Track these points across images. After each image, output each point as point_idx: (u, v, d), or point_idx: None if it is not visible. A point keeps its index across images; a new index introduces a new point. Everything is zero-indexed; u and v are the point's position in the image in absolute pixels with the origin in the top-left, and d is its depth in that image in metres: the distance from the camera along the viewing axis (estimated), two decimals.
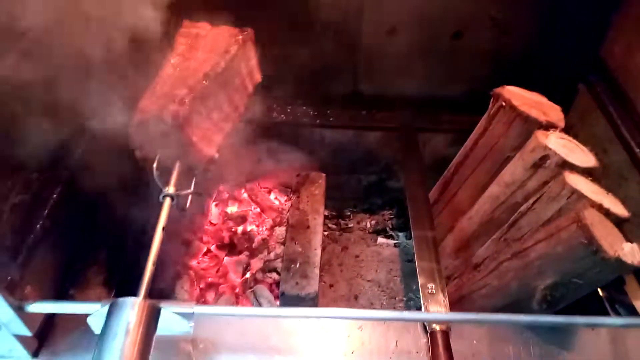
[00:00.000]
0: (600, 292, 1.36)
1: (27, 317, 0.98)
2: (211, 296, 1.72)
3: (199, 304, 1.04)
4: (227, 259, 1.82)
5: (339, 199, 2.18)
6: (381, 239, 2.11)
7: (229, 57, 1.29)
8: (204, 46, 1.30)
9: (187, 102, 1.14)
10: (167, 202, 1.11)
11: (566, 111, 1.46)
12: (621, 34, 1.65)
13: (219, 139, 1.34)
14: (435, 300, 1.27)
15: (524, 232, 1.34)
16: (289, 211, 1.79)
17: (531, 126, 1.35)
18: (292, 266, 1.56)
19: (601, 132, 1.66)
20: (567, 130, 1.36)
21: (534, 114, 1.36)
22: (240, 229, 1.91)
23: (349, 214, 2.22)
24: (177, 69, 1.24)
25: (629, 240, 1.11)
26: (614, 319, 1.22)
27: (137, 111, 1.13)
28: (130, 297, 0.90)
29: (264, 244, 1.84)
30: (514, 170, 1.38)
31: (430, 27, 1.76)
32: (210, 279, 1.75)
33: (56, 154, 1.27)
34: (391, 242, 2.10)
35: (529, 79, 1.54)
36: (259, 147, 2.01)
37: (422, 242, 1.43)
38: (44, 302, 0.99)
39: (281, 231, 1.85)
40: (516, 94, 1.44)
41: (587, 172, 1.26)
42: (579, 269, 1.14)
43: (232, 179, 2.03)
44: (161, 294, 1.59)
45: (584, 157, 1.29)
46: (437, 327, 1.13)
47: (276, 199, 2.07)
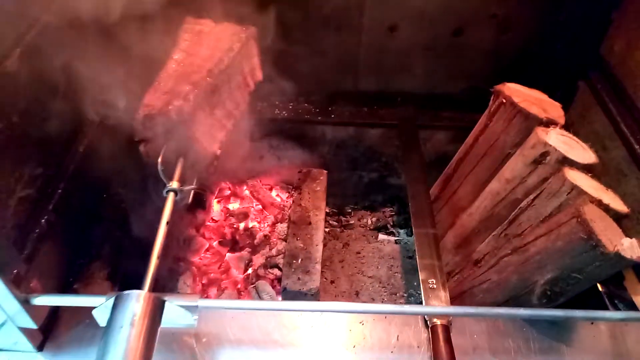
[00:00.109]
0: (599, 287, 1.36)
1: (32, 310, 0.99)
2: (213, 292, 1.73)
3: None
4: (229, 255, 1.83)
5: (340, 196, 2.19)
6: (382, 236, 2.12)
7: (232, 55, 1.30)
8: (207, 43, 1.31)
9: (191, 98, 1.15)
10: (170, 196, 1.12)
11: (566, 108, 1.48)
12: (621, 31, 1.66)
13: (221, 135, 1.35)
14: (436, 295, 1.28)
15: (524, 227, 1.35)
16: (290, 208, 1.80)
17: (531, 123, 1.36)
18: (294, 262, 1.57)
19: (601, 128, 1.66)
20: (567, 127, 1.37)
21: (535, 110, 1.37)
22: (242, 225, 1.92)
23: (350, 210, 2.23)
24: (181, 65, 1.24)
25: (628, 236, 1.12)
26: (613, 313, 1.23)
27: (142, 106, 1.14)
28: (135, 290, 0.91)
29: (266, 240, 1.85)
30: (515, 166, 1.39)
31: (431, 24, 1.76)
32: (212, 275, 1.76)
33: (61, 149, 1.28)
34: (392, 238, 2.11)
35: (530, 76, 1.55)
36: (261, 144, 2.02)
37: (423, 238, 1.44)
38: (50, 295, 1.00)
39: (283, 227, 1.86)
40: (517, 91, 1.45)
41: (586, 169, 1.27)
42: (578, 264, 1.15)
43: (234, 176, 2.04)
44: (163, 291, 1.59)
45: (584, 154, 1.30)
46: (438, 322, 1.14)
47: (278, 196, 2.08)
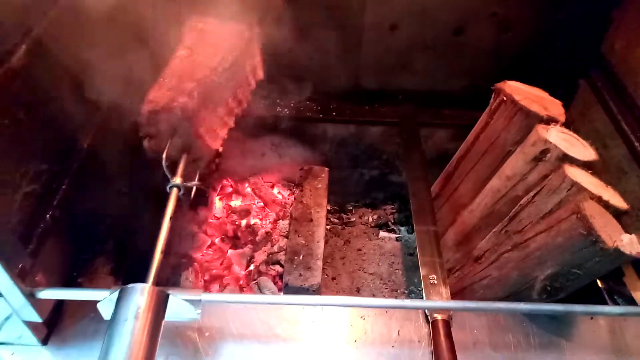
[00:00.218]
0: (599, 283, 1.37)
1: (37, 304, 1.00)
2: (215, 288, 1.74)
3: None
4: (231, 252, 1.84)
5: (342, 193, 2.20)
6: (383, 233, 2.13)
7: (235, 53, 1.31)
8: (210, 41, 1.32)
9: (195, 95, 1.16)
10: (174, 192, 1.13)
11: (567, 106, 1.48)
12: (621, 29, 1.66)
13: (223, 133, 1.36)
14: (436, 291, 1.28)
15: (524, 224, 1.36)
16: (292, 205, 1.81)
17: (532, 120, 1.37)
18: (296, 258, 1.58)
19: (601, 126, 1.67)
20: (568, 125, 1.37)
21: (535, 108, 1.37)
22: (244, 222, 1.93)
23: (351, 208, 2.24)
24: (185, 62, 1.25)
25: (628, 232, 1.13)
26: (612, 308, 1.24)
27: (147, 102, 1.15)
28: (139, 284, 0.92)
29: (268, 237, 1.86)
30: (515, 163, 1.39)
31: (432, 22, 1.77)
32: (214, 271, 1.77)
33: (66, 145, 1.29)
34: (393, 236, 2.12)
35: (530, 74, 1.55)
36: (262, 142, 2.03)
37: (424, 235, 1.44)
38: (55, 289, 1.01)
39: (284, 224, 1.87)
40: (517, 89, 1.45)
41: (587, 166, 1.27)
42: (578, 260, 1.16)
43: (235, 173, 2.05)
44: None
45: (584, 151, 1.30)
46: (439, 317, 1.15)
47: (279, 193, 2.09)
